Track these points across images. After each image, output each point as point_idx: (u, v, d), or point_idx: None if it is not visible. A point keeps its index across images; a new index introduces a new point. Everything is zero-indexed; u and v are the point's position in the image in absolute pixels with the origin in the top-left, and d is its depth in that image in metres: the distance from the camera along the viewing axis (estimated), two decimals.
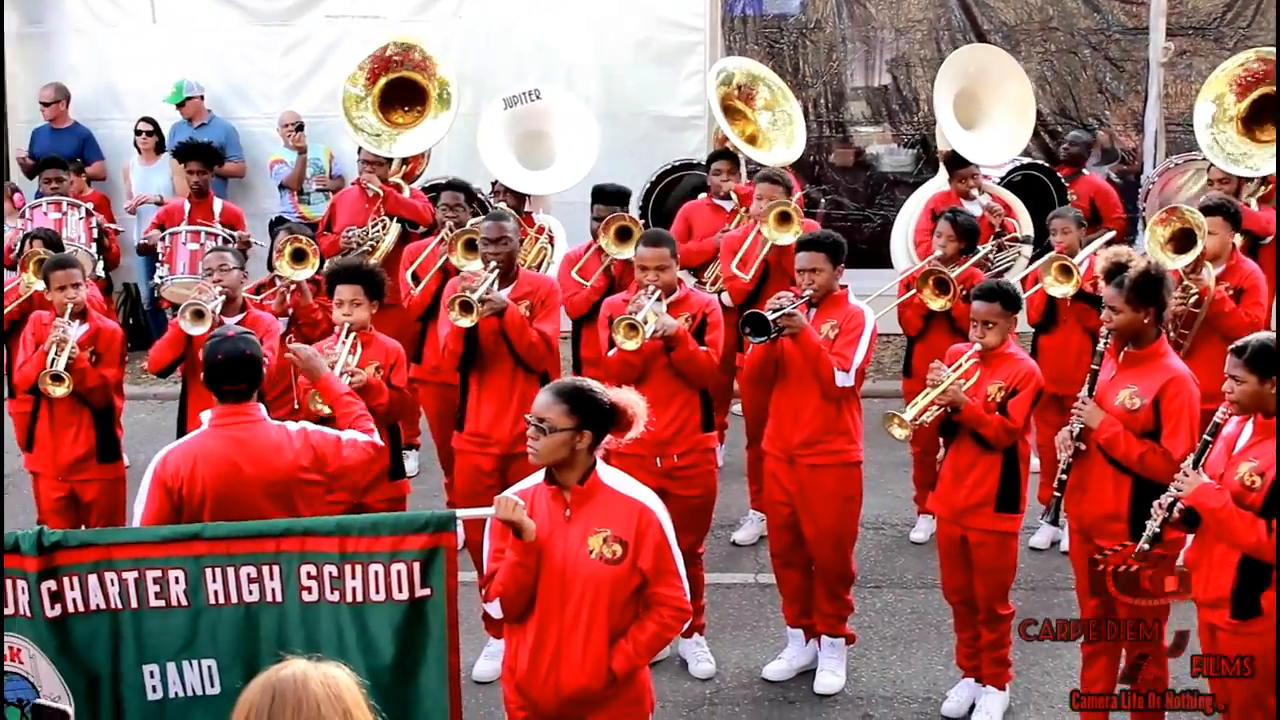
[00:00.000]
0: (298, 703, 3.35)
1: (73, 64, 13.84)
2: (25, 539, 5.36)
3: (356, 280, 7.48)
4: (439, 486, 9.38)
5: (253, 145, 13.45)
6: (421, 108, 11.05)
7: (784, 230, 8.65)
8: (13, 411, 8.92)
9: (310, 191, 12.77)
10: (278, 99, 13.43)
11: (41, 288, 8.40)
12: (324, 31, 13.42)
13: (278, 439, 5.93)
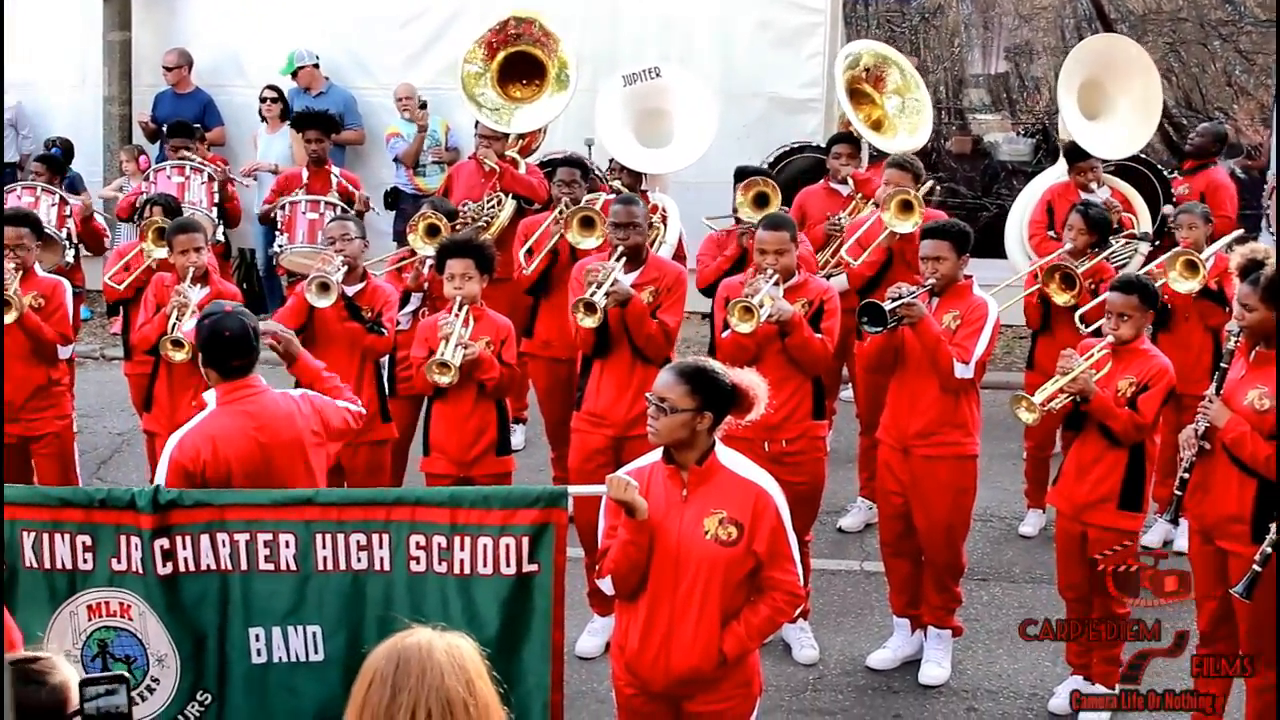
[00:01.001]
0: (422, 670, 3.36)
1: (196, 30, 13.97)
2: (141, 496, 5.43)
3: (467, 254, 7.51)
4: (545, 461, 9.39)
5: (370, 116, 13.51)
6: (540, 81, 11.05)
7: (905, 218, 8.58)
8: (130, 372, 9.08)
9: (426, 164, 12.81)
10: (396, 71, 13.47)
11: (162, 255, 8.50)
12: (443, 4, 13.44)
13: (286, 406, 5.95)
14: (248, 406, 5.86)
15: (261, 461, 5.82)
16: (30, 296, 7.88)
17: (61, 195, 10.56)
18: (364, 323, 7.68)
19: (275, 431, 5.86)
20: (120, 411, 11.02)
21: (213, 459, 5.75)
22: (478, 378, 7.25)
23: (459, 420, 7.36)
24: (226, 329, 5.86)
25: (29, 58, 14.00)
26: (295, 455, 5.89)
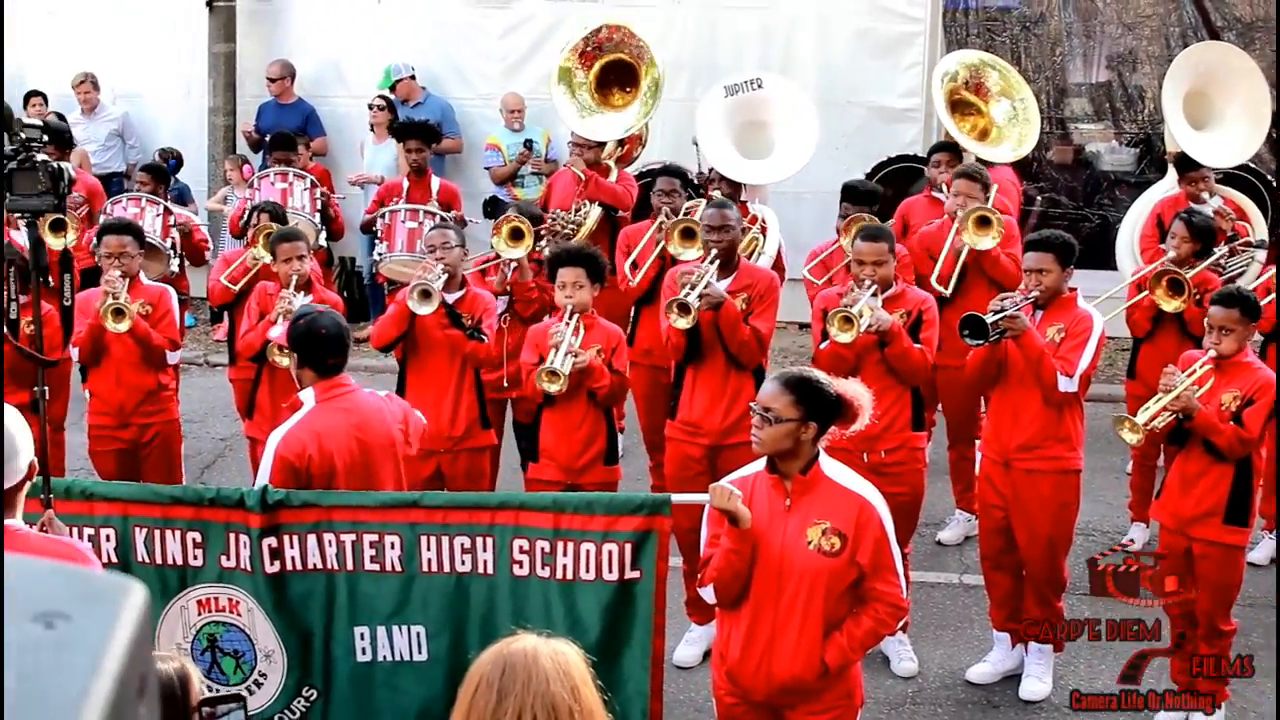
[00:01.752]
0: (528, 676, 3.36)
1: (299, 41, 14.16)
2: (250, 495, 5.53)
3: (580, 263, 7.53)
4: (643, 470, 9.40)
5: (469, 126, 13.62)
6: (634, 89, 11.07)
7: (984, 234, 8.53)
8: (234, 378, 9.19)
9: (525, 175, 12.89)
10: (495, 80, 13.58)
11: (269, 260, 8.62)
12: (543, 14, 13.51)
13: (377, 404, 6.08)
14: (344, 404, 5.99)
15: (361, 457, 5.93)
16: (138, 304, 8.01)
17: (166, 205, 10.72)
18: (464, 329, 7.72)
19: (371, 428, 5.98)
20: (223, 417, 11.17)
21: (318, 454, 5.86)
22: (588, 386, 7.27)
23: (569, 428, 7.37)
24: (322, 327, 6.01)
25: (136, 69, 14.31)
26: (388, 452, 6.00)
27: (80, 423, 10.71)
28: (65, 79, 13.99)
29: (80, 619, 1.14)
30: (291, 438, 5.94)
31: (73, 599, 1.16)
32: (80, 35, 14.37)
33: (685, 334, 7.42)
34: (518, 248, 8.61)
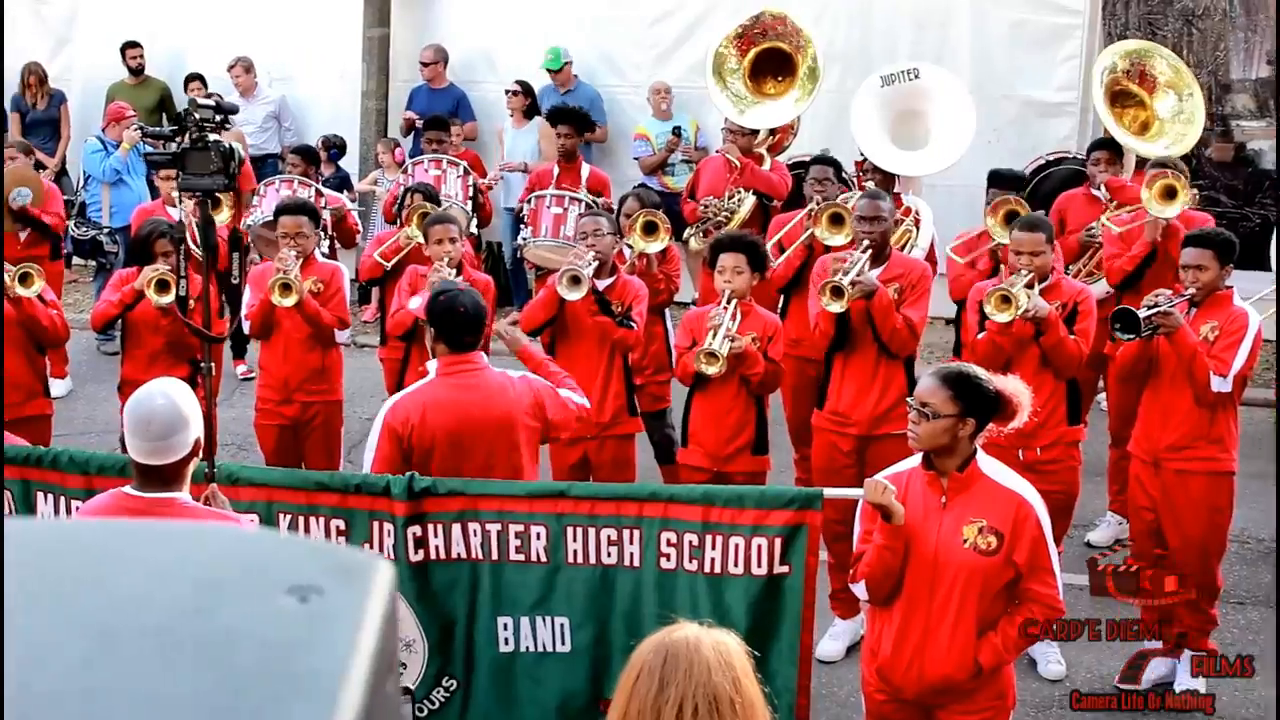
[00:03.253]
0: (689, 665, 3.36)
1: (452, 27, 14.28)
2: (396, 483, 5.55)
3: (741, 249, 7.54)
4: (788, 461, 9.35)
5: (618, 113, 13.65)
6: (790, 78, 11.00)
7: (1168, 204, 8.37)
8: (385, 357, 9.30)
9: (674, 163, 12.90)
10: (645, 68, 13.60)
11: (422, 240, 8.72)
12: (694, 2, 13.47)
13: (500, 382, 6.04)
14: (466, 380, 6.00)
15: (468, 435, 5.91)
16: (310, 281, 8.13)
17: (317, 188, 10.89)
18: (614, 317, 7.74)
19: (487, 407, 5.96)
20: (370, 397, 11.29)
21: (420, 425, 5.90)
22: (742, 372, 7.27)
23: (718, 414, 7.37)
24: (462, 304, 6.05)
25: (291, 53, 14.55)
26: (504, 432, 5.95)
27: (230, 399, 10.96)
28: (223, 62, 14.26)
29: (333, 593, 1.16)
30: (399, 406, 6.05)
31: (324, 573, 1.18)
32: (237, 19, 14.65)
33: (835, 321, 7.38)
34: (654, 241, 8.62)
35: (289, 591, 1.15)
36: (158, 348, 8.09)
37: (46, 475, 5.85)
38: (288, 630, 1.12)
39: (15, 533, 1.31)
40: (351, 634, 1.12)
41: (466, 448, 5.89)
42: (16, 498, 5.88)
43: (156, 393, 4.70)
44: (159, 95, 14.78)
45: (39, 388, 8.09)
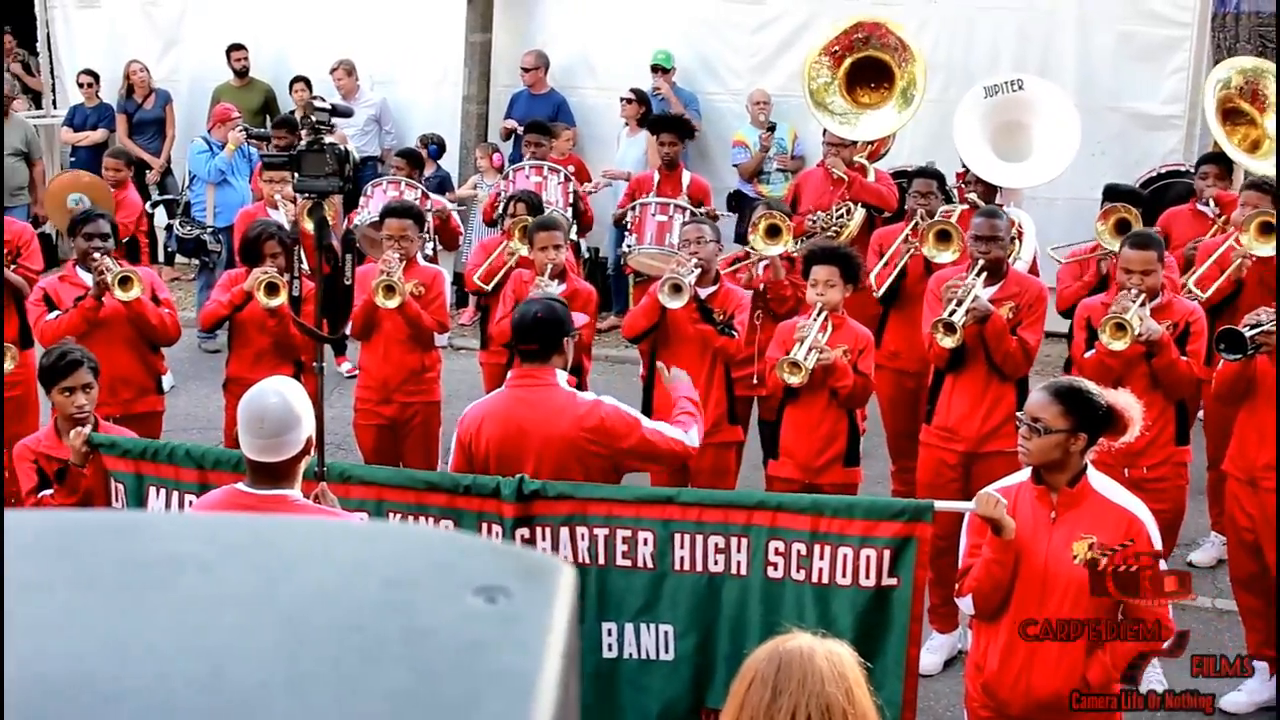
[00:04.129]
0: (803, 675, 3.35)
1: (553, 33, 14.36)
2: (506, 485, 5.56)
3: (834, 262, 7.50)
4: (881, 473, 9.31)
5: (716, 120, 13.65)
6: (888, 86, 10.93)
7: (1266, 241, 8.22)
8: (486, 362, 9.35)
9: (770, 171, 12.88)
10: (745, 76, 13.60)
11: (525, 252, 8.75)
12: (796, 10, 13.45)
13: (564, 402, 5.85)
14: (528, 394, 5.89)
15: (513, 449, 5.82)
16: (412, 284, 8.20)
17: (423, 190, 10.97)
18: (715, 325, 7.73)
19: (540, 424, 5.81)
20: (466, 400, 11.31)
21: (476, 434, 5.90)
22: (831, 385, 7.23)
23: (809, 426, 7.34)
24: (528, 314, 5.99)
25: (393, 57, 14.70)
26: (553, 452, 5.79)
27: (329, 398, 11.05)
28: (326, 65, 14.43)
29: (520, 595, 1.17)
30: (467, 414, 6.05)
31: (512, 575, 1.19)
32: (341, 22, 14.81)
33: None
34: (775, 244, 8.60)
35: (476, 592, 1.16)
36: (264, 347, 8.18)
37: (161, 469, 5.94)
38: (479, 630, 1.13)
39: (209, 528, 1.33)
40: (542, 635, 1.13)
41: (510, 462, 5.82)
42: (129, 490, 5.98)
43: (270, 390, 4.75)
44: (263, 97, 14.98)
45: (151, 385, 8.22)
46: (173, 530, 1.28)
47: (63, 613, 1.14)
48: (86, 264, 8.01)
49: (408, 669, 1.09)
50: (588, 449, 5.79)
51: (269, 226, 8.38)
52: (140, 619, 1.13)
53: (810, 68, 11.00)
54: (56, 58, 16.47)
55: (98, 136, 14.97)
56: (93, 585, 1.18)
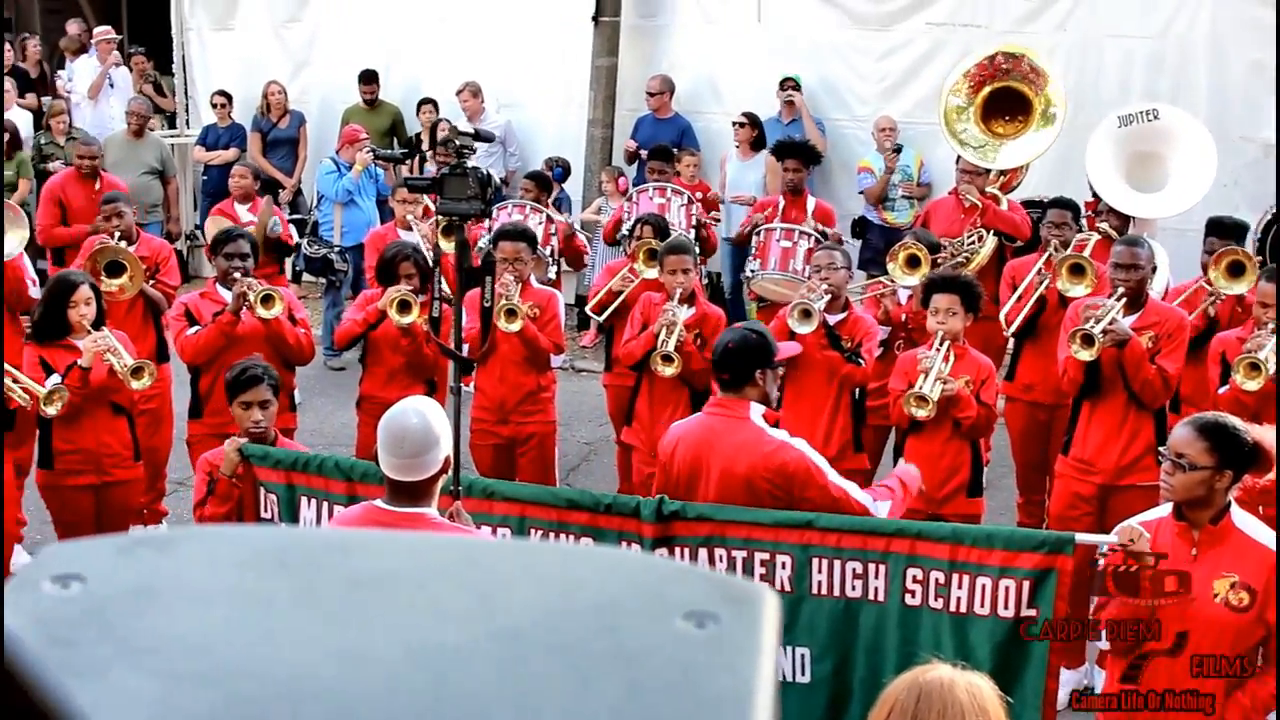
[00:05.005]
0: (943, 706, 3.33)
1: (678, 57, 14.41)
2: (646, 505, 5.62)
3: (954, 290, 7.46)
4: (1006, 504, 9.22)
5: (842, 147, 13.62)
6: (1024, 118, 10.82)
7: None
8: (610, 384, 9.38)
9: (895, 198, 12.82)
10: (871, 102, 13.54)
11: (652, 275, 8.78)
12: (922, 38, 13.39)
13: (749, 438, 5.79)
14: (719, 423, 5.91)
15: (699, 476, 5.87)
16: (527, 306, 8.27)
17: (549, 214, 11.07)
18: (843, 352, 7.72)
19: (726, 458, 5.81)
20: (588, 421, 11.45)
21: (670, 454, 5.98)
22: (954, 415, 7.18)
23: (931, 457, 7.28)
24: (727, 342, 6.03)
25: (519, 79, 14.84)
26: (735, 490, 5.79)
27: None
28: (453, 87, 14.60)
29: (729, 621, 1.18)
30: (668, 435, 6.15)
31: (720, 601, 1.20)
32: (469, 46, 14.98)
33: (1084, 369, 7.25)
34: (914, 275, 8.57)
35: (686, 617, 1.18)
36: (396, 366, 8.28)
37: (311, 480, 6.08)
38: (691, 654, 1.15)
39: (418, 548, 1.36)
40: (753, 661, 1.15)
41: (693, 489, 5.89)
42: (281, 500, 6.13)
43: (410, 410, 4.82)
44: (391, 119, 15.19)
45: (285, 402, 8.35)
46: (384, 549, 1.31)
47: (288, 626, 1.17)
48: (227, 282, 8.17)
49: (624, 690, 1.11)
50: (765, 489, 5.76)
51: (404, 248, 8.50)
52: (362, 633, 1.16)
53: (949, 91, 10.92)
54: (191, 78, 16.84)
55: (229, 155, 15.26)
56: (313, 600, 1.21)
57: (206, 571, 1.25)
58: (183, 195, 15.72)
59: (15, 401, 7.22)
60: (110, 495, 7.73)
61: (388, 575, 1.25)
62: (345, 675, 1.10)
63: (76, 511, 7.66)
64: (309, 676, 1.10)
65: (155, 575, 1.25)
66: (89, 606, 1.19)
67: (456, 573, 1.26)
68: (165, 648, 1.14)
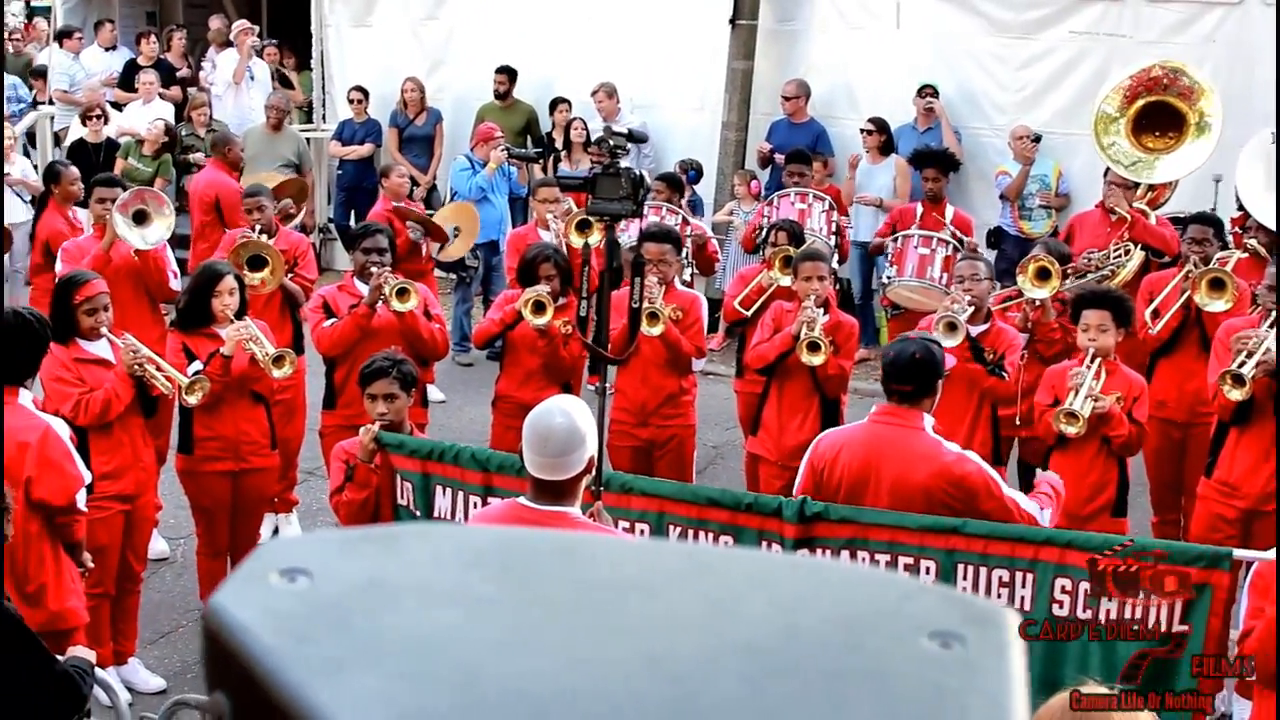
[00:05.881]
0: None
1: (814, 62, 14.31)
2: (788, 505, 5.61)
3: (1105, 305, 7.34)
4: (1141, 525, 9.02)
5: (978, 155, 13.44)
6: (1175, 134, 10.60)
7: None
8: (741, 390, 9.32)
9: (1032, 207, 12.64)
10: (1009, 111, 13.35)
11: (786, 282, 8.71)
12: (1065, 47, 13.16)
13: (928, 449, 5.82)
14: (891, 433, 5.94)
15: (869, 485, 5.86)
16: (670, 309, 8.24)
17: (684, 216, 11.04)
18: (986, 364, 7.61)
19: (903, 467, 5.85)
20: (715, 425, 11.39)
21: (832, 462, 5.94)
22: (1104, 433, 7.05)
23: (1078, 474, 7.15)
24: (913, 353, 5.98)
25: (655, 81, 14.83)
26: (912, 499, 5.81)
27: None
28: (588, 87, 14.63)
29: (975, 642, 1.14)
30: (824, 441, 6.13)
31: (962, 620, 1.16)
32: (605, 46, 15.00)
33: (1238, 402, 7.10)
34: (1043, 287, 8.43)
35: (930, 636, 1.14)
36: (533, 367, 8.29)
37: (447, 470, 6.13)
38: (940, 675, 1.11)
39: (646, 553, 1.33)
40: (1005, 684, 1.11)
41: (859, 495, 5.86)
42: (416, 489, 6.18)
43: (556, 410, 4.81)
44: (526, 118, 15.26)
45: (417, 397, 8.40)
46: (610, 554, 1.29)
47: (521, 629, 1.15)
48: (364, 276, 8.23)
49: (874, 709, 1.07)
50: (944, 499, 5.78)
51: (545, 249, 8.50)
52: (600, 640, 1.14)
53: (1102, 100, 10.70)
54: (329, 73, 17.04)
55: (364, 151, 15.43)
56: (544, 604, 1.19)
57: (432, 571, 1.23)
58: (318, 189, 15.91)
59: (158, 389, 7.32)
60: (246, 482, 7.84)
61: (617, 581, 1.22)
62: (587, 683, 1.08)
63: (213, 497, 7.77)
64: (549, 682, 1.08)
65: (381, 572, 1.23)
66: (319, 602, 1.18)
67: (687, 581, 1.23)
68: (400, 647, 1.12)
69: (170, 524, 8.90)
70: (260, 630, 1.13)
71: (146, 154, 14.27)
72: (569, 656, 1.11)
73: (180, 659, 7.89)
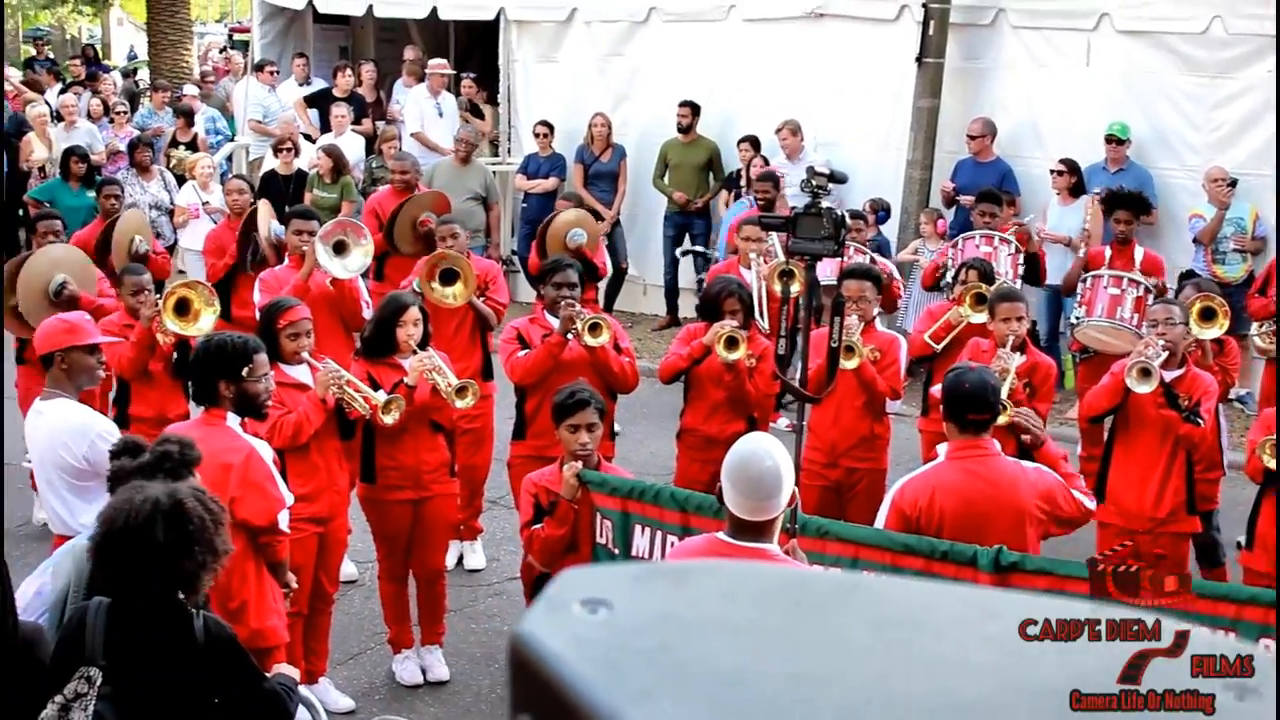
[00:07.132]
0: None
1: (1000, 100, 14.19)
2: (983, 554, 5.55)
3: None
4: None
5: (1170, 198, 13.16)
6: None
7: None
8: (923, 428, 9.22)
9: (1226, 251, 12.37)
10: (1202, 152, 13.06)
11: (979, 320, 8.65)
12: (1263, 86, 12.84)
13: (1013, 472, 5.90)
14: (976, 466, 5.94)
15: (975, 521, 5.84)
16: (868, 349, 8.20)
17: (871, 254, 11.01)
18: (1181, 411, 7.47)
19: (997, 494, 5.88)
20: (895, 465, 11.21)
21: (928, 507, 5.91)
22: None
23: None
24: (966, 382, 6.00)
25: (839, 118, 14.83)
26: (1013, 522, 5.84)
27: None
28: (772, 124, 14.67)
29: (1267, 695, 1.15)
30: (908, 487, 6.06)
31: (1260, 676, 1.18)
32: (790, 83, 15.04)
33: None
34: (1209, 328, 8.31)
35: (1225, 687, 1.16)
36: (718, 401, 8.30)
37: (646, 509, 6.19)
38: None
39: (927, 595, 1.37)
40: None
41: (968, 534, 5.81)
42: (616, 526, 6.25)
43: (764, 454, 4.82)
44: (708, 154, 15.36)
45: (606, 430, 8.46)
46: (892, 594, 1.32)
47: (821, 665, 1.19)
48: (554, 310, 8.35)
49: None
50: (1037, 515, 5.90)
51: (730, 284, 8.51)
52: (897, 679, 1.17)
53: None
54: (514, 108, 17.32)
55: (549, 184, 15.65)
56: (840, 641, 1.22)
57: (726, 605, 1.28)
58: (503, 221, 16.16)
59: (356, 411, 7.48)
60: (427, 509, 7.93)
61: (906, 621, 1.26)
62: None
63: (395, 524, 7.90)
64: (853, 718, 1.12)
65: (676, 605, 1.28)
66: (621, 632, 1.23)
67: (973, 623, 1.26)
68: (705, 678, 1.17)
69: (358, 548, 9.08)
70: (571, 658, 1.19)
71: (328, 181, 14.61)
72: (869, 694, 1.15)
73: (368, 680, 8.05)
